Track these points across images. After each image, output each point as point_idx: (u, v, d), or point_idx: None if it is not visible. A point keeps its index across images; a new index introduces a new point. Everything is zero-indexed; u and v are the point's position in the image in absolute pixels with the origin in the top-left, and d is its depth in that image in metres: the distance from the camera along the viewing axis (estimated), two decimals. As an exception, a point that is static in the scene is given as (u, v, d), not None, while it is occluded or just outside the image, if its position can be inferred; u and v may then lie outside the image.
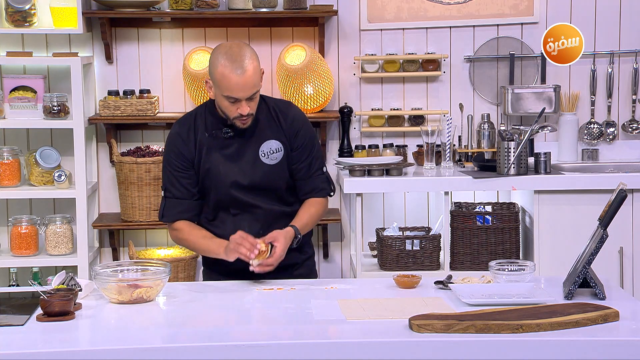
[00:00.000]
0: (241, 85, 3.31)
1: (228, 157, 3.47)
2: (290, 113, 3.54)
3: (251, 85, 3.33)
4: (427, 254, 4.90)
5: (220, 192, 3.48)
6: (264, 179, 3.48)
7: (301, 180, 3.54)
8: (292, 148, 3.51)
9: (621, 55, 5.32)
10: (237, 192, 3.47)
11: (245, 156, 3.48)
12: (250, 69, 3.31)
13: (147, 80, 5.24)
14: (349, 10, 5.24)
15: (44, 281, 4.68)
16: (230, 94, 3.33)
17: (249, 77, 3.31)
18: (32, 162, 5.04)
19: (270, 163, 3.49)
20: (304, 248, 3.61)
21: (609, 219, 3.08)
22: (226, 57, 3.33)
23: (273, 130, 3.50)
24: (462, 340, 2.65)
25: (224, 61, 3.32)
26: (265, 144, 3.49)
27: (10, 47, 5.14)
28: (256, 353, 2.62)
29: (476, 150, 5.21)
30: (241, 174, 3.47)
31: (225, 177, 3.46)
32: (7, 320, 2.87)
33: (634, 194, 4.77)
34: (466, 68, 5.32)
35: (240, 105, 3.35)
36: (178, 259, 5.01)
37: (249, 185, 3.47)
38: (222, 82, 3.32)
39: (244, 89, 3.32)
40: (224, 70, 3.31)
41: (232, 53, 3.33)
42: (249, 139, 3.48)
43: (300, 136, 3.52)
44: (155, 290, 3.07)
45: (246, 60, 3.32)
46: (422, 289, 3.22)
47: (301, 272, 3.59)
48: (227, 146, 3.48)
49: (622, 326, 2.79)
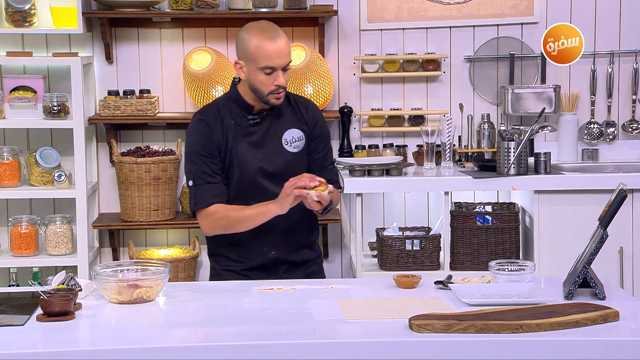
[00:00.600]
0: (278, 52, 3.38)
1: (253, 144, 3.50)
2: (309, 104, 3.64)
3: (286, 53, 3.41)
4: (427, 254, 4.90)
5: (245, 179, 3.49)
6: (287, 166, 3.51)
7: (316, 172, 3.55)
8: (311, 138, 3.58)
9: (621, 55, 5.32)
10: (262, 179, 3.49)
11: (270, 143, 3.52)
12: (283, 38, 3.42)
13: (147, 80, 5.24)
14: (349, 10, 5.24)
15: (44, 281, 4.68)
16: (267, 63, 3.38)
17: (284, 44, 3.40)
18: (32, 162, 5.04)
19: (293, 151, 3.53)
20: (313, 246, 3.66)
21: (609, 219, 3.08)
22: (258, 29, 3.42)
23: (295, 119, 3.56)
24: (462, 340, 2.65)
25: (257, 33, 3.40)
26: (288, 132, 3.53)
27: (10, 47, 5.14)
28: (256, 353, 2.62)
29: (476, 150, 5.21)
30: (266, 161, 3.50)
31: (251, 164, 3.48)
32: (7, 320, 2.87)
33: (634, 194, 4.77)
34: (466, 68, 5.32)
35: (276, 76, 3.40)
36: (178, 259, 5.01)
37: (273, 173, 3.49)
38: (259, 53, 3.38)
39: (281, 56, 3.39)
40: (259, 41, 3.38)
41: (262, 26, 3.44)
42: (272, 127, 3.52)
43: (319, 126, 3.60)
44: (155, 290, 3.07)
45: (277, 31, 3.42)
46: (422, 289, 3.21)
47: (314, 270, 3.63)
48: (252, 133, 3.51)
49: (622, 326, 2.79)
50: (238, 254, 3.55)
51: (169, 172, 5.04)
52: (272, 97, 3.44)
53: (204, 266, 5.30)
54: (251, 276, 3.51)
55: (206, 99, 5.06)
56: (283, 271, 3.55)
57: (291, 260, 3.56)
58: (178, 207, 5.22)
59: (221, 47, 5.21)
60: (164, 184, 5.03)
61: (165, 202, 5.06)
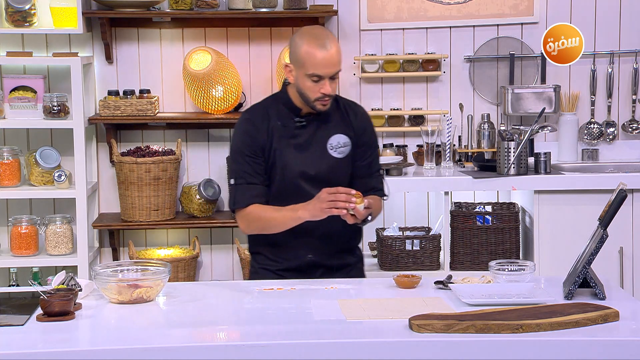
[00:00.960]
0: (326, 62, 3.36)
1: (297, 147, 3.48)
2: (359, 110, 3.60)
3: (335, 63, 3.38)
4: (427, 254, 4.90)
5: (287, 182, 3.47)
6: (330, 171, 3.49)
7: (361, 179, 3.54)
8: (358, 144, 3.54)
9: (621, 55, 5.32)
10: (303, 183, 3.46)
11: (314, 147, 3.49)
12: (334, 48, 3.38)
13: (147, 80, 5.24)
14: (349, 10, 5.24)
15: (44, 281, 4.68)
16: (315, 71, 3.36)
17: (333, 54, 3.37)
18: (32, 162, 5.04)
19: (337, 156, 3.50)
20: (354, 250, 3.63)
21: (609, 219, 3.08)
22: (310, 36, 3.40)
23: (342, 124, 3.53)
24: (462, 340, 2.65)
25: (309, 40, 3.38)
26: (334, 137, 3.51)
27: (10, 47, 5.14)
28: (256, 353, 2.62)
29: (476, 150, 5.21)
30: (309, 164, 3.48)
31: (293, 167, 3.47)
32: (7, 320, 2.86)
33: (634, 194, 4.77)
34: (466, 68, 5.32)
35: (323, 85, 3.38)
36: (178, 259, 5.01)
37: (315, 176, 3.47)
38: (307, 60, 3.36)
39: (328, 66, 3.36)
40: (309, 48, 3.36)
41: (315, 33, 3.42)
42: (318, 131, 3.50)
43: (367, 134, 3.57)
44: (155, 290, 3.07)
45: (329, 39, 3.39)
46: (422, 289, 3.21)
47: (353, 275, 3.58)
48: (297, 136, 3.49)
49: (622, 326, 2.79)
50: (275, 254, 3.53)
51: (169, 172, 5.04)
52: (318, 104, 3.42)
53: (204, 266, 5.30)
54: (286, 277, 3.48)
55: (206, 99, 5.06)
56: (319, 274, 3.50)
57: (329, 265, 3.52)
58: (178, 207, 5.22)
59: (221, 47, 5.21)
60: (164, 184, 5.03)
61: (165, 202, 5.06)
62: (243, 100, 5.26)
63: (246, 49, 5.26)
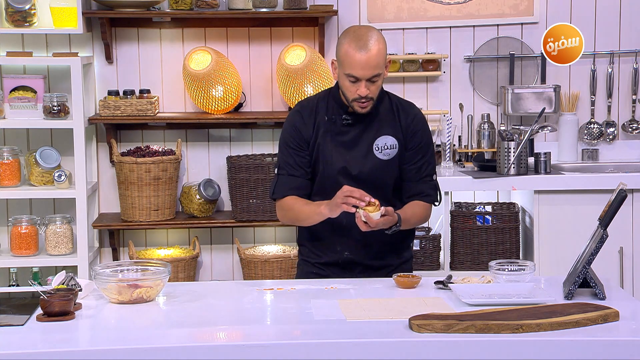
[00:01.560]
0: (363, 64, 3.31)
1: (342, 144, 3.45)
2: (412, 112, 3.52)
3: (373, 66, 3.32)
4: (427, 254, 4.90)
5: (327, 177, 3.45)
6: (373, 172, 3.45)
7: (409, 182, 3.50)
8: (407, 148, 3.48)
9: (621, 55, 5.33)
10: (344, 180, 3.42)
11: (359, 146, 3.46)
12: (374, 50, 3.32)
13: (147, 80, 5.24)
14: (349, 10, 5.24)
15: (44, 281, 4.68)
16: (351, 71, 3.32)
17: (372, 56, 3.31)
18: (32, 162, 5.04)
19: (382, 158, 3.46)
20: (402, 252, 3.57)
21: (609, 219, 3.08)
22: (353, 35, 3.35)
23: (391, 126, 3.48)
24: (462, 340, 2.65)
25: (350, 39, 3.34)
26: (381, 138, 3.46)
27: (10, 47, 5.14)
28: (256, 353, 2.62)
29: (476, 150, 5.22)
30: (352, 163, 3.44)
31: (335, 163, 3.44)
32: (7, 320, 2.86)
33: (634, 194, 4.77)
34: (466, 68, 5.32)
35: (359, 86, 3.34)
36: (178, 259, 5.01)
37: (357, 176, 3.44)
38: (345, 60, 3.33)
39: (365, 68, 3.31)
40: (348, 48, 3.32)
41: (359, 33, 3.37)
42: (365, 130, 3.46)
43: (417, 137, 3.49)
44: (155, 290, 3.07)
45: (371, 41, 3.33)
46: (422, 289, 3.21)
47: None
48: (343, 133, 3.46)
49: (622, 326, 2.79)
50: (316, 247, 3.52)
51: (169, 172, 5.04)
52: (356, 105, 3.38)
53: (204, 266, 5.30)
54: (325, 271, 3.49)
55: (206, 99, 5.06)
56: (358, 272, 3.47)
57: (368, 264, 3.49)
58: (178, 207, 5.22)
59: (221, 47, 5.21)
60: (164, 184, 5.03)
61: (165, 202, 5.06)
62: (243, 100, 5.26)
63: (246, 49, 5.26)
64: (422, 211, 3.50)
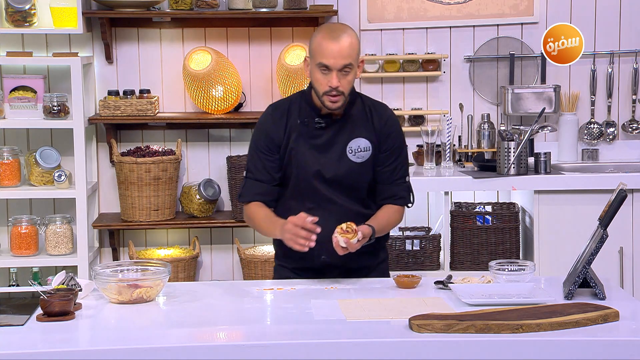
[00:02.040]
0: (335, 53, 3.30)
1: (315, 148, 3.43)
2: (385, 114, 3.51)
3: (345, 55, 3.31)
4: (427, 254, 4.90)
5: (301, 182, 3.43)
6: (347, 175, 3.43)
7: (382, 185, 3.49)
8: (381, 150, 3.46)
9: (621, 55, 5.33)
10: (319, 184, 3.42)
11: (333, 149, 3.44)
12: (346, 41, 3.32)
13: (147, 80, 5.24)
14: (349, 10, 5.24)
15: (44, 281, 4.68)
16: (322, 60, 3.31)
17: (344, 46, 3.31)
18: (32, 162, 5.04)
19: (356, 161, 3.44)
20: (378, 252, 3.56)
21: (609, 219, 3.08)
22: (327, 29, 3.38)
23: (365, 128, 3.45)
24: (462, 340, 2.65)
25: (324, 32, 3.36)
26: (354, 140, 3.44)
27: (10, 47, 5.14)
28: (256, 353, 2.62)
29: (476, 150, 5.21)
30: (325, 166, 3.42)
31: (309, 167, 3.42)
32: (7, 320, 2.86)
33: (634, 194, 4.77)
34: (466, 68, 5.32)
35: (331, 77, 3.31)
36: (178, 259, 5.01)
37: (331, 179, 3.42)
38: (318, 50, 3.33)
39: (336, 57, 3.30)
40: (322, 39, 3.33)
41: (333, 27, 3.41)
42: (339, 133, 3.44)
43: (391, 139, 3.47)
44: (155, 290, 3.07)
45: (345, 34, 3.34)
46: (422, 289, 3.21)
47: (374, 276, 3.53)
48: (316, 136, 3.44)
49: (622, 326, 2.79)
50: (291, 252, 3.46)
51: (169, 172, 5.04)
52: (326, 99, 3.35)
53: (204, 266, 5.30)
54: (302, 276, 3.46)
55: (206, 99, 5.06)
56: (336, 275, 3.44)
57: (345, 267, 3.46)
58: (178, 207, 5.22)
59: (221, 47, 5.21)
60: (164, 184, 5.03)
61: (165, 202, 5.06)
62: (243, 100, 5.26)
63: (246, 49, 5.26)
64: (395, 217, 3.51)
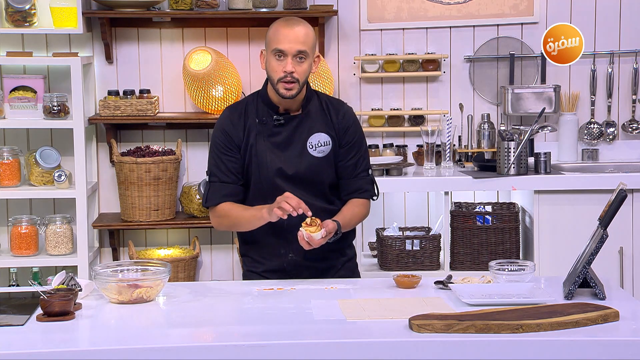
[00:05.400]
0: (290, 37, 3.35)
1: (275, 145, 3.46)
2: (342, 109, 3.56)
3: (300, 41, 3.36)
4: (427, 254, 4.90)
5: (264, 180, 3.45)
6: (309, 171, 3.46)
7: (345, 179, 3.52)
8: (340, 144, 3.50)
9: (621, 55, 5.33)
10: (281, 182, 3.43)
11: (293, 146, 3.46)
12: (301, 28, 3.38)
13: (147, 80, 5.24)
14: (349, 10, 5.24)
15: (44, 281, 4.68)
16: (277, 45, 3.35)
17: (299, 32, 3.36)
18: (32, 162, 5.04)
19: (317, 155, 3.47)
20: (345, 250, 3.58)
21: (609, 219, 3.08)
22: (283, 19, 3.44)
23: (323, 123, 3.49)
24: (462, 340, 2.65)
25: (279, 21, 3.42)
26: (314, 136, 3.48)
27: (10, 47, 5.14)
28: (256, 353, 2.62)
29: (476, 150, 5.22)
30: (287, 163, 3.45)
31: (270, 165, 3.44)
32: (7, 320, 2.87)
33: (634, 194, 4.77)
34: (466, 68, 5.32)
35: (285, 63, 3.35)
36: (178, 259, 5.01)
37: (293, 176, 3.44)
38: (273, 37, 3.38)
39: (291, 41, 3.35)
40: (277, 27, 3.39)
41: (289, 18, 3.45)
42: (298, 130, 3.47)
43: (349, 133, 3.52)
44: (155, 290, 3.07)
45: (301, 23, 3.40)
46: (422, 289, 3.22)
47: (342, 274, 3.56)
48: (275, 134, 3.47)
49: (622, 326, 2.79)
50: (259, 254, 3.52)
51: (169, 172, 5.04)
52: (281, 86, 3.37)
53: (204, 266, 5.30)
54: (272, 278, 3.46)
55: (206, 99, 5.06)
56: (305, 276, 3.45)
57: (313, 266, 3.48)
58: (178, 207, 5.23)
59: (221, 47, 5.21)
60: (164, 184, 5.03)
61: (165, 202, 5.06)
62: (243, 100, 5.25)
63: (246, 49, 5.26)
64: (361, 210, 3.52)
